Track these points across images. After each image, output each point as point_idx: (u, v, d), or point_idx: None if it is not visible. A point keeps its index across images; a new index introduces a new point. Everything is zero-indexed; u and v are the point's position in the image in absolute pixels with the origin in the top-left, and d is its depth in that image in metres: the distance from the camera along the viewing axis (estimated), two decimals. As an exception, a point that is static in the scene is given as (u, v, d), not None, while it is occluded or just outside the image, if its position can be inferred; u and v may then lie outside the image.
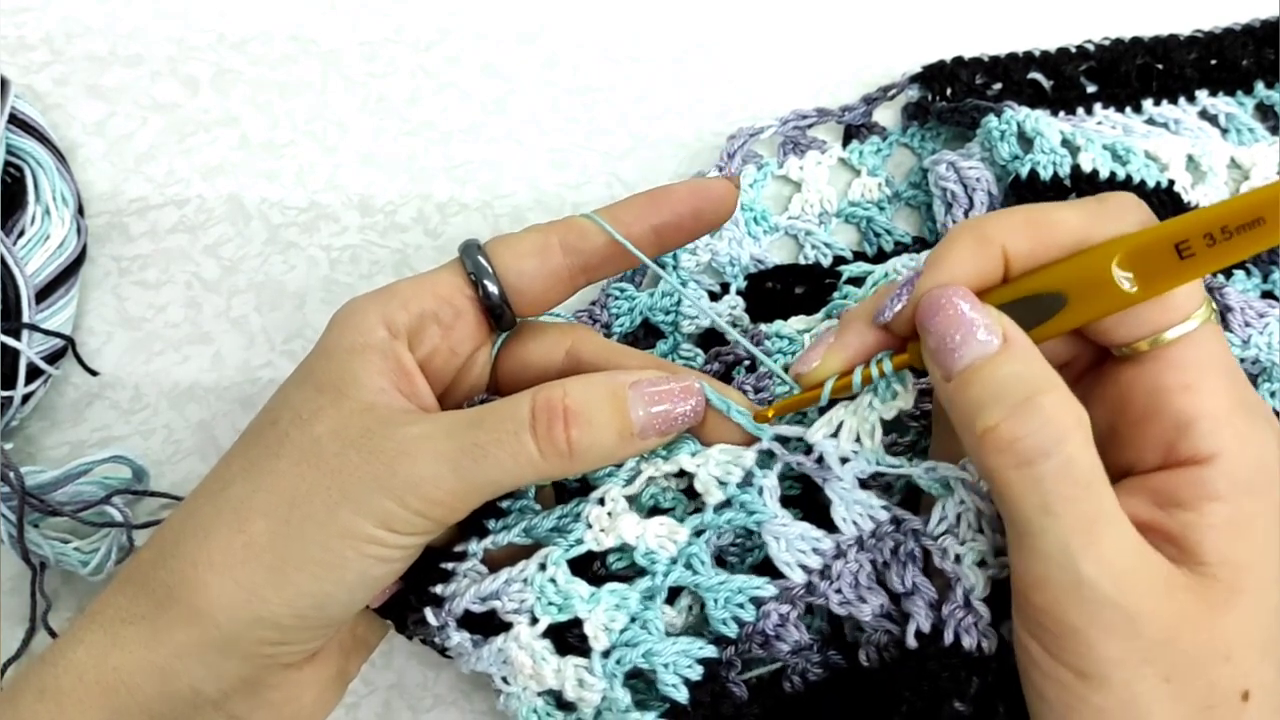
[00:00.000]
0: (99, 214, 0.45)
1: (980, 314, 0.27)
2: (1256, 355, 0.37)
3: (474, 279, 0.32)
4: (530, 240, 0.33)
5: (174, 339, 0.44)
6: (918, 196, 0.47)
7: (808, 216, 0.46)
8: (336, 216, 0.46)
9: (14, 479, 0.37)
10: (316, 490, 0.29)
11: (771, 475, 0.32)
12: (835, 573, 0.31)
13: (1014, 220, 0.29)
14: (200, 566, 0.29)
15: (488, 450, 0.29)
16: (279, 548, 0.29)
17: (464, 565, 0.32)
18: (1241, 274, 0.43)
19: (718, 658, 0.31)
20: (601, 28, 0.49)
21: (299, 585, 0.29)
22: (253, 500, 0.29)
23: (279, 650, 0.30)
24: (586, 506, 0.32)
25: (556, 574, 0.31)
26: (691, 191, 0.34)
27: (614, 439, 0.30)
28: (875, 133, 0.48)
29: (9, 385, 0.39)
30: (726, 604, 0.31)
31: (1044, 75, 0.48)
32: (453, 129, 0.47)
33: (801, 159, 0.47)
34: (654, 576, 0.31)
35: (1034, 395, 0.26)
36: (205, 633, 0.29)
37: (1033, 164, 0.42)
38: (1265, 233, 0.25)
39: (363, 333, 0.31)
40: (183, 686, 0.29)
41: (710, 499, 0.32)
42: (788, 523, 0.31)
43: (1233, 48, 0.48)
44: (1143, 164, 0.42)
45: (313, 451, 0.29)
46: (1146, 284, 0.27)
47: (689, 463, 0.32)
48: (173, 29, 0.48)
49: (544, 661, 0.31)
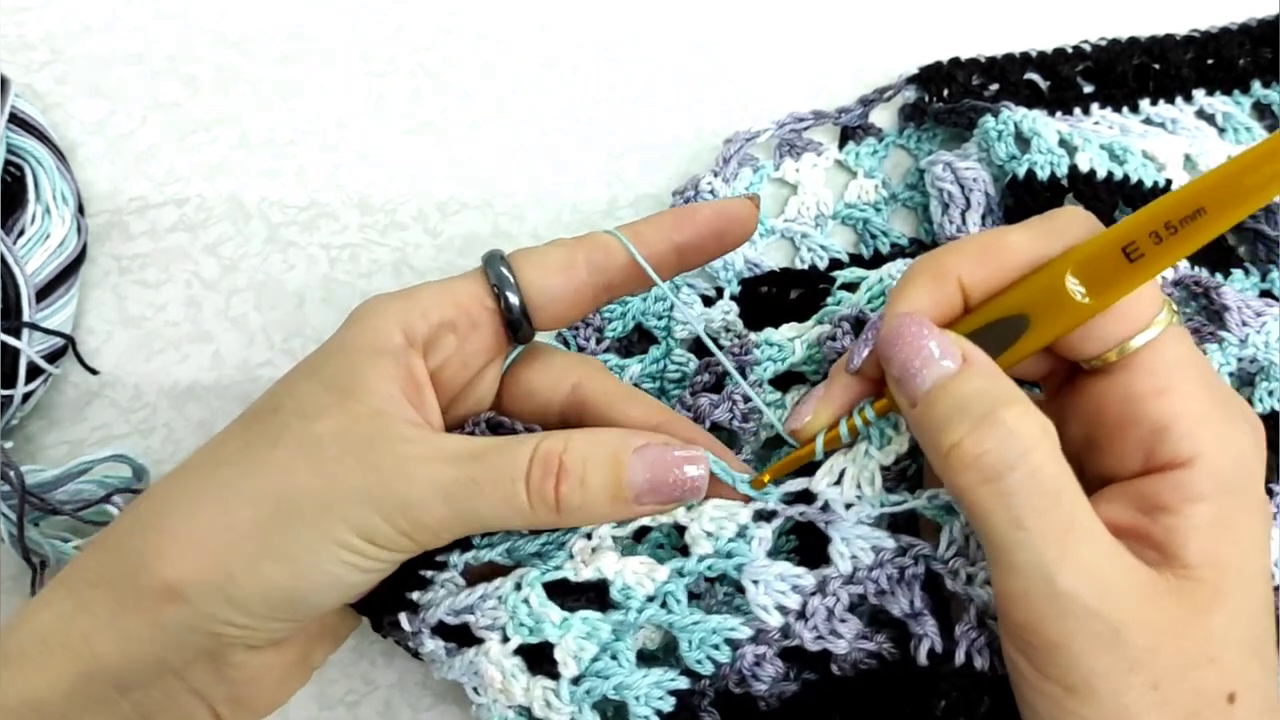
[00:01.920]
0: (99, 213, 0.45)
1: (937, 338, 0.28)
2: (1254, 354, 0.38)
3: (496, 290, 0.32)
4: (556, 256, 0.33)
5: (174, 338, 0.44)
6: (914, 198, 0.47)
7: (804, 219, 0.46)
8: (336, 215, 0.46)
9: (14, 478, 0.37)
10: (308, 489, 0.29)
11: (767, 528, 0.32)
12: (811, 610, 0.31)
13: (967, 250, 0.29)
14: (179, 541, 0.29)
15: (482, 489, 0.29)
16: (260, 538, 0.29)
17: (443, 575, 0.32)
18: (1240, 273, 0.43)
19: (690, 689, 0.31)
20: (601, 28, 0.50)
21: (273, 578, 0.29)
22: (243, 485, 0.29)
23: (245, 633, 0.30)
24: (573, 538, 0.32)
25: (530, 595, 0.31)
26: (716, 213, 0.34)
27: (607, 502, 0.30)
28: (872, 134, 0.48)
29: (9, 384, 0.39)
30: (701, 644, 0.31)
31: (1041, 76, 0.48)
32: (453, 128, 0.47)
33: (798, 161, 0.47)
34: (627, 612, 0.31)
35: (995, 409, 0.26)
36: (174, 608, 0.29)
37: (1030, 164, 0.42)
38: (1208, 222, 0.25)
39: (380, 336, 0.31)
40: (147, 655, 0.29)
41: (697, 549, 0.31)
42: (767, 564, 0.31)
43: (1229, 47, 0.49)
44: (1140, 164, 0.43)
45: (312, 448, 0.29)
46: (1102, 293, 0.27)
47: (683, 517, 0.32)
48: (173, 28, 0.48)
49: (514, 679, 0.31)
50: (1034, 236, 0.29)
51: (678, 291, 0.42)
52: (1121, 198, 0.42)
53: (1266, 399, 0.37)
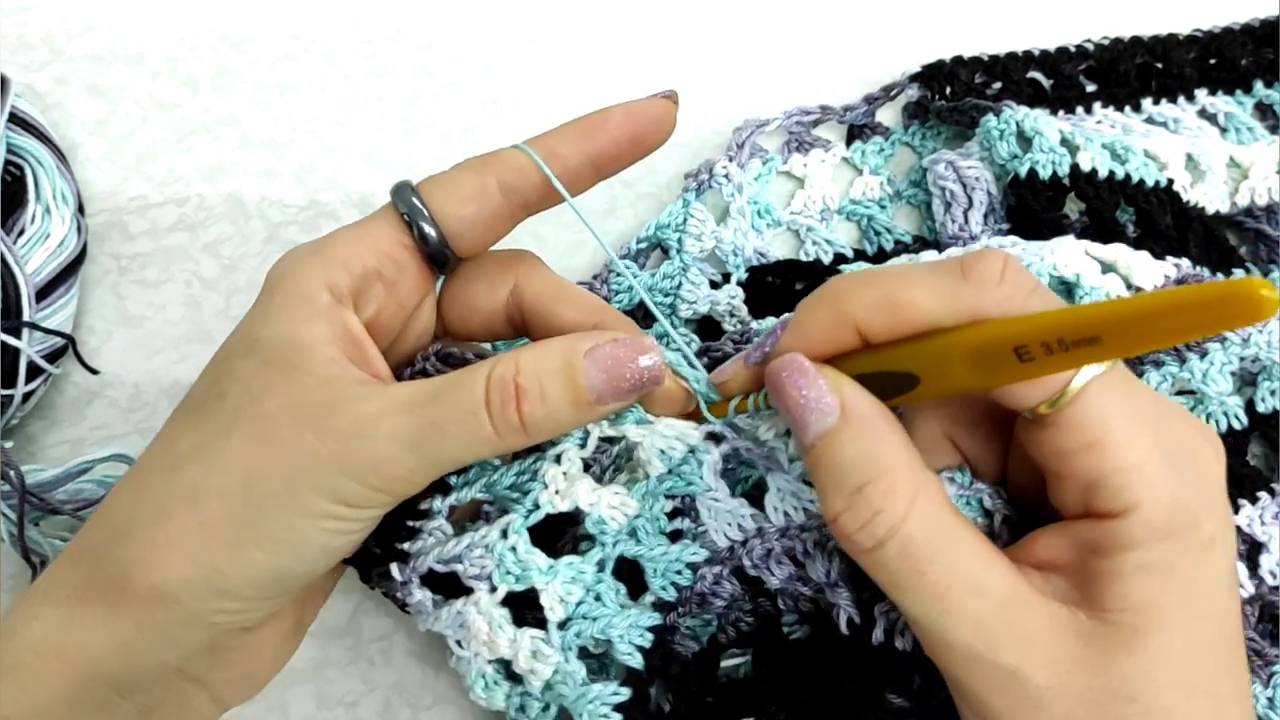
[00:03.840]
0: (99, 212, 0.45)
1: (817, 389, 0.28)
2: (1256, 354, 0.37)
3: (409, 221, 0.31)
4: (468, 183, 0.32)
5: (174, 337, 0.44)
6: (918, 195, 0.47)
7: (810, 213, 0.46)
8: (336, 215, 0.46)
9: (14, 477, 0.37)
10: (273, 470, 0.28)
11: (715, 452, 0.32)
12: (749, 546, 0.32)
13: (867, 299, 0.28)
14: (157, 547, 0.28)
15: (445, 430, 0.29)
16: (237, 527, 0.28)
17: (429, 524, 0.33)
18: (1241, 273, 0.43)
19: (664, 624, 0.32)
20: (601, 28, 0.50)
21: (258, 562, 0.29)
22: (208, 481, 0.29)
23: (239, 618, 0.30)
24: (544, 464, 0.32)
25: (517, 543, 0.31)
26: (627, 115, 0.33)
27: (570, 410, 0.30)
28: (878, 132, 0.48)
29: (9, 384, 0.39)
30: (665, 573, 0.32)
31: (1043, 74, 0.48)
32: (453, 128, 0.47)
33: (806, 156, 0.47)
34: (603, 547, 0.32)
35: (864, 486, 0.27)
36: (166, 610, 0.29)
37: (1031, 163, 0.42)
38: (1100, 350, 0.24)
39: (306, 300, 0.30)
40: (147, 659, 0.29)
41: (651, 470, 0.32)
42: (720, 498, 0.32)
43: (1231, 47, 0.48)
44: (1142, 163, 0.43)
45: (267, 429, 0.29)
46: (989, 376, 0.27)
47: (634, 431, 0.32)
48: (173, 28, 0.48)
49: (500, 630, 0.31)
50: (937, 298, 0.27)
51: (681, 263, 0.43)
52: (1123, 197, 0.42)
53: (1269, 398, 0.37)
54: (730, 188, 0.44)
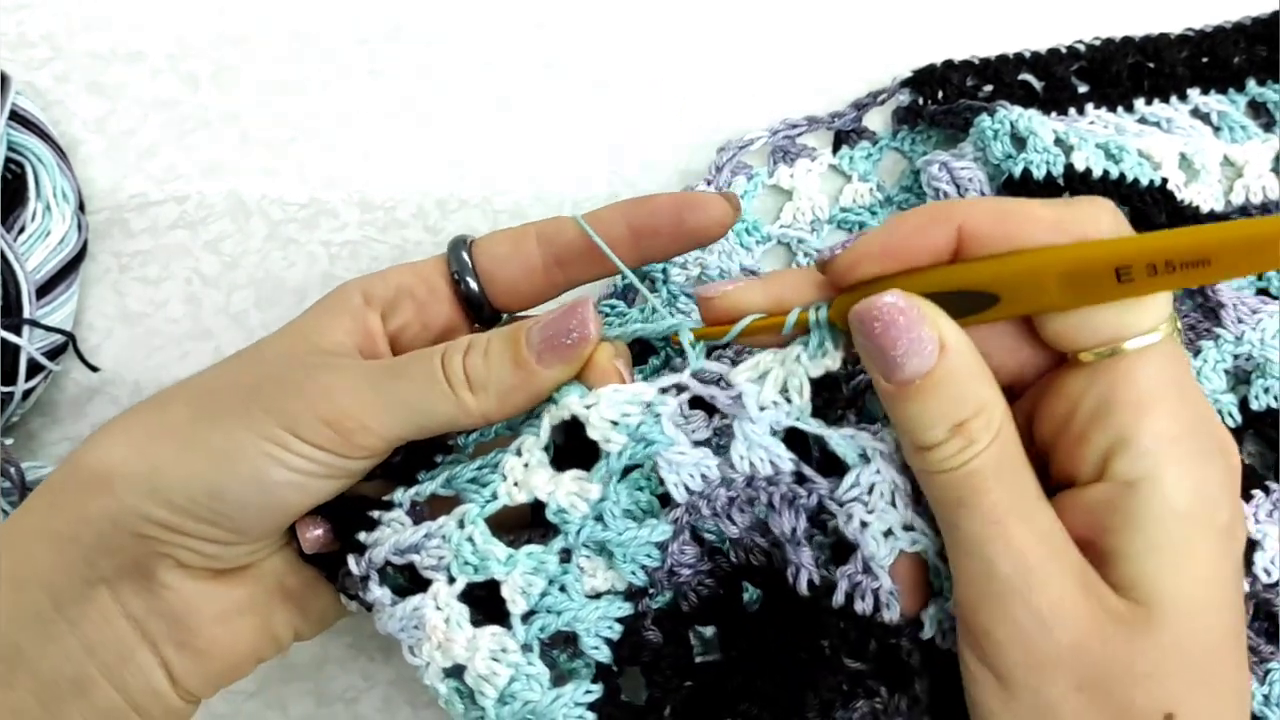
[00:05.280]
0: (99, 210, 0.45)
1: (919, 332, 0.27)
2: (1250, 351, 0.38)
3: (456, 276, 0.35)
4: (509, 231, 0.35)
5: (174, 335, 0.44)
6: (910, 200, 0.47)
7: (800, 224, 0.46)
8: (336, 212, 0.46)
9: (15, 474, 0.38)
10: (238, 386, 0.31)
11: (672, 402, 0.31)
12: (713, 495, 0.31)
13: (984, 205, 0.29)
14: (114, 434, 0.31)
15: (401, 370, 0.31)
16: (186, 429, 0.30)
17: (389, 515, 0.32)
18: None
19: (633, 612, 0.31)
20: (601, 27, 0.50)
21: (195, 467, 0.29)
22: (182, 389, 0.32)
23: (172, 538, 0.30)
24: (505, 457, 0.32)
25: (474, 533, 0.31)
26: (675, 200, 0.35)
27: (509, 367, 0.31)
28: (865, 138, 0.48)
29: (10, 381, 0.39)
30: (633, 557, 0.31)
31: (1035, 76, 0.48)
32: (453, 126, 0.48)
33: (792, 167, 0.47)
34: (567, 536, 0.31)
35: (965, 420, 0.27)
36: (99, 499, 0.29)
37: (1026, 163, 0.42)
38: (1208, 273, 0.24)
39: (341, 298, 0.34)
40: (75, 556, 0.30)
41: (610, 446, 0.30)
42: (685, 451, 0.31)
43: (1224, 46, 0.49)
44: (1136, 163, 0.43)
45: (252, 360, 0.32)
46: (1081, 295, 0.27)
47: (577, 405, 0.31)
48: (173, 26, 0.48)
49: (458, 628, 0.30)
50: (1055, 223, 0.27)
51: (667, 294, 0.42)
52: (1118, 197, 0.42)
53: (1262, 395, 0.37)
54: None
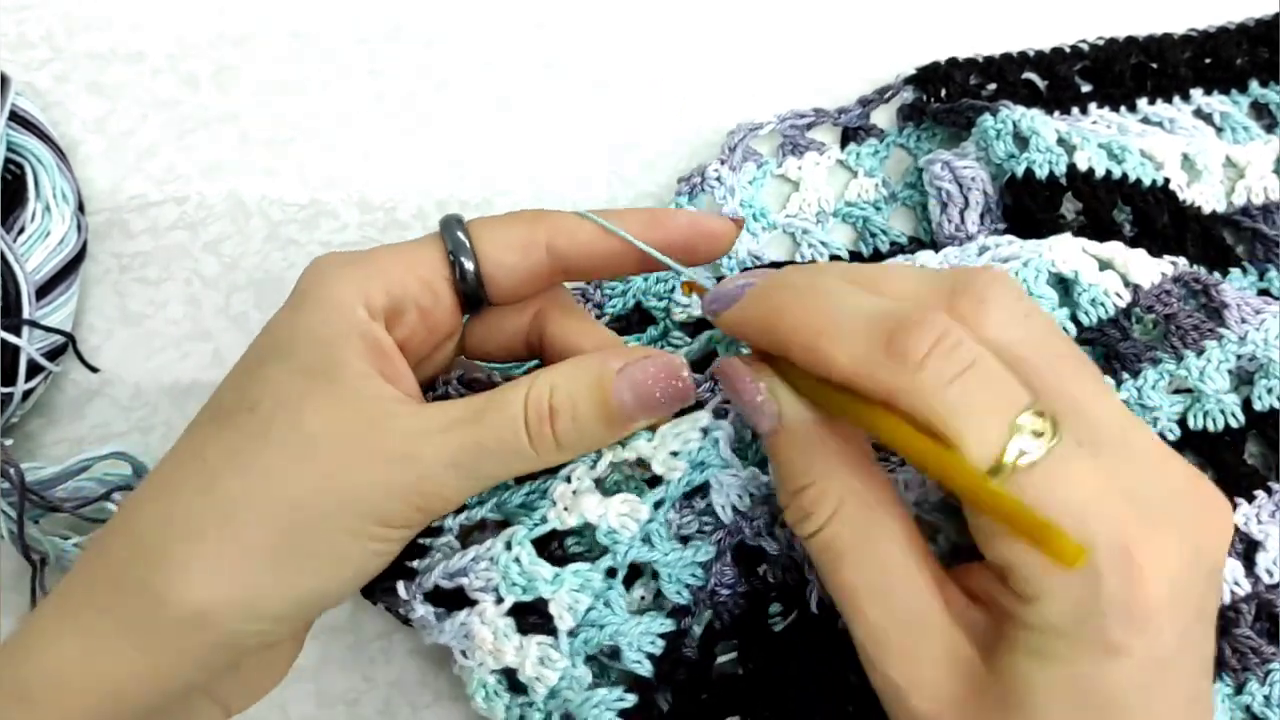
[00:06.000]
0: (99, 211, 0.45)
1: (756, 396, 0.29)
2: (1253, 352, 0.38)
3: (452, 258, 0.31)
4: (516, 233, 0.32)
5: (174, 336, 0.44)
6: (913, 197, 0.47)
7: (805, 215, 0.46)
8: (336, 213, 0.46)
9: (14, 475, 0.37)
10: (317, 492, 0.28)
11: (726, 425, 0.32)
12: (757, 512, 0.32)
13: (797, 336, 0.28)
14: (195, 571, 0.27)
15: (486, 448, 0.29)
16: (280, 549, 0.28)
17: (439, 541, 0.33)
18: (1238, 272, 0.43)
19: (676, 629, 0.32)
20: (601, 26, 0.50)
21: (300, 584, 0.29)
22: (249, 501, 0.28)
23: (269, 637, 0.30)
24: (554, 484, 0.32)
25: (521, 554, 0.31)
26: (692, 223, 0.33)
27: (601, 427, 0.30)
28: (872, 135, 0.48)
29: (9, 382, 0.39)
30: (678, 577, 0.32)
31: (1038, 75, 0.48)
32: (453, 126, 0.48)
33: (800, 159, 0.47)
34: (615, 555, 0.32)
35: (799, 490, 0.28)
36: (203, 634, 0.28)
37: (1028, 163, 0.42)
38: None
39: (343, 314, 0.30)
40: (175, 684, 0.29)
41: (672, 476, 0.32)
42: (738, 472, 0.32)
43: (1227, 46, 0.49)
44: (1138, 162, 0.43)
45: (308, 449, 0.28)
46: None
47: (645, 448, 0.32)
48: (173, 26, 0.48)
49: (506, 639, 0.31)
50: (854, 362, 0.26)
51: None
52: (1120, 196, 0.42)
53: (1265, 396, 0.37)
54: (722, 190, 0.44)
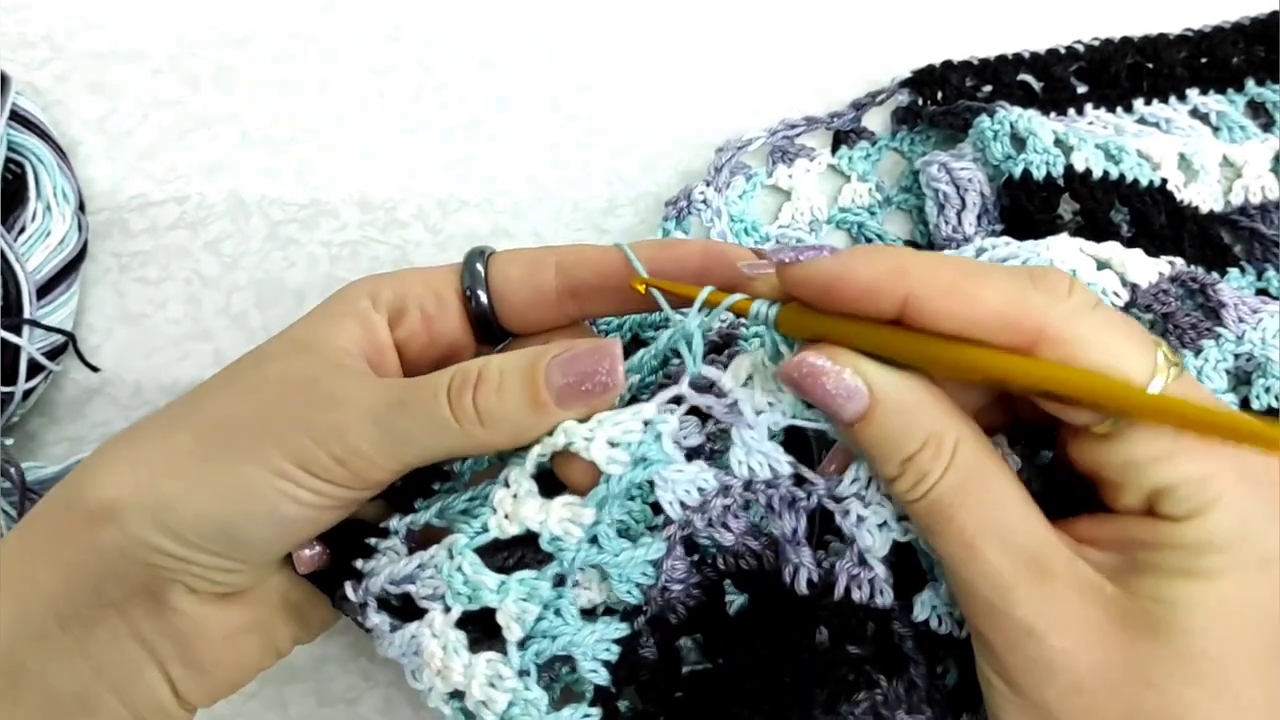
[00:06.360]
0: (100, 210, 0.45)
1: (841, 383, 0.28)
2: (1251, 351, 0.38)
3: (469, 290, 0.33)
4: (528, 253, 0.34)
5: (174, 335, 0.44)
6: (909, 200, 0.47)
7: (798, 224, 0.46)
8: (336, 213, 0.46)
9: (14, 474, 0.37)
10: (246, 418, 0.30)
11: (672, 419, 0.31)
12: (710, 506, 0.31)
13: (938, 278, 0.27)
14: (118, 461, 0.30)
15: (407, 407, 0.29)
16: (195, 464, 0.29)
17: (385, 543, 0.32)
18: (1236, 272, 0.43)
19: (630, 632, 0.31)
20: (601, 26, 0.50)
21: (205, 503, 0.29)
22: (187, 416, 0.31)
23: (180, 566, 0.30)
24: (493, 489, 0.31)
25: (463, 563, 0.30)
26: (703, 256, 0.33)
27: (526, 407, 0.30)
28: (864, 138, 0.48)
29: (10, 381, 0.39)
30: (629, 578, 0.31)
31: (1034, 77, 0.48)
32: (453, 126, 0.48)
33: (790, 167, 0.47)
34: (561, 562, 0.31)
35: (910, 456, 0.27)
36: (107, 530, 0.29)
37: (1026, 164, 0.42)
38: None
39: (346, 302, 0.32)
40: (83, 582, 0.29)
41: (612, 469, 0.30)
42: (682, 468, 0.31)
43: (1223, 46, 0.49)
44: (1135, 163, 0.43)
45: (257, 385, 0.31)
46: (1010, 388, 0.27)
47: (576, 433, 0.30)
48: (173, 26, 0.48)
49: (455, 655, 0.30)
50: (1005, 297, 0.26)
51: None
52: (1117, 197, 0.42)
53: (1263, 395, 0.37)
54: (709, 213, 0.44)
